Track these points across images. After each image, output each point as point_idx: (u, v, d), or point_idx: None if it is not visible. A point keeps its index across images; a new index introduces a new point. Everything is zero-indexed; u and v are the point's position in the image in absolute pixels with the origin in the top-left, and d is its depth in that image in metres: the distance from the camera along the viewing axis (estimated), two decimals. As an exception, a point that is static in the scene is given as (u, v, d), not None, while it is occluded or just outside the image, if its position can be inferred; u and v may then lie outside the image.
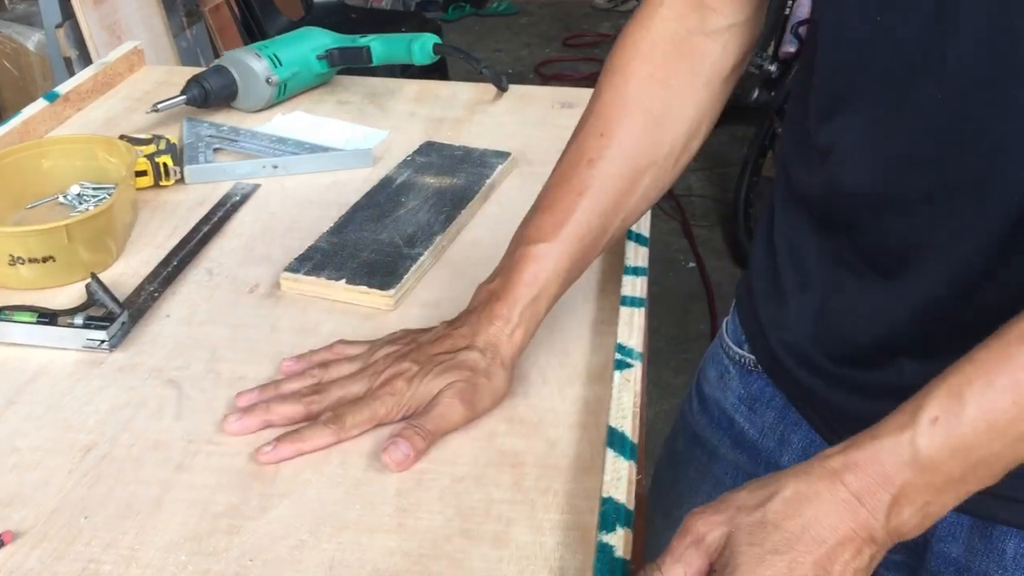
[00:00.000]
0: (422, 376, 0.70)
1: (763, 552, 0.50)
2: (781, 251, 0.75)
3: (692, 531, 0.53)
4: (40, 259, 0.84)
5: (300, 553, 0.60)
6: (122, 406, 0.72)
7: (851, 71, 0.63)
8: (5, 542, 0.60)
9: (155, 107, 1.14)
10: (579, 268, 0.76)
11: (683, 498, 0.89)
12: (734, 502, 0.53)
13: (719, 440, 0.60)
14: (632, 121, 0.75)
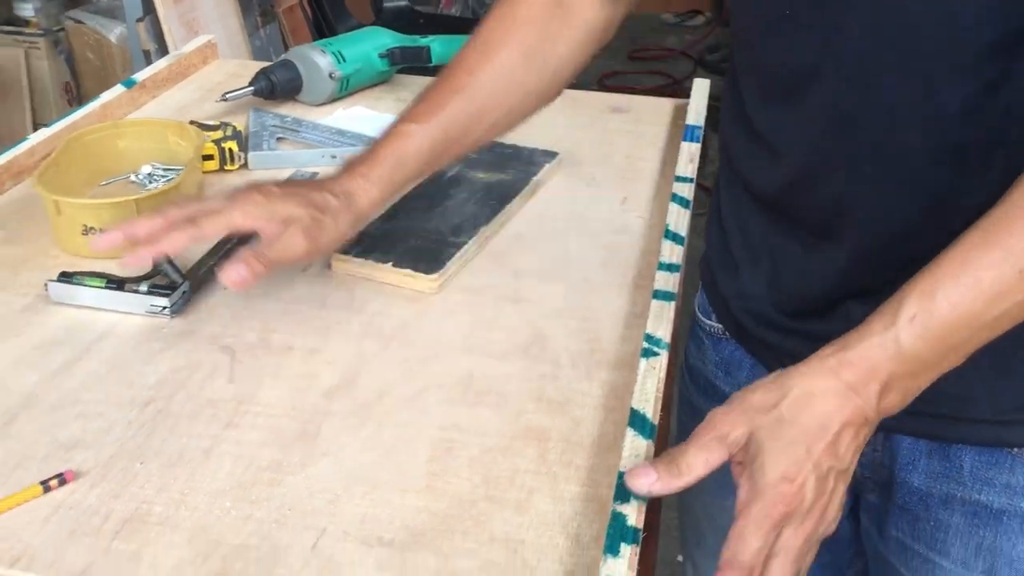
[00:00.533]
0: (277, 198, 0.78)
1: (783, 444, 0.60)
2: (730, 227, 0.83)
3: (716, 427, 0.62)
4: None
5: (334, 506, 0.64)
6: (179, 368, 0.77)
7: (772, 58, 0.72)
8: (68, 480, 0.65)
9: (224, 96, 1.20)
10: (440, 155, 0.86)
11: None
12: (751, 404, 0.62)
13: (707, 406, 0.66)
14: (510, 49, 0.87)
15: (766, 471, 0.59)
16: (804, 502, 0.59)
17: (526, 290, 0.89)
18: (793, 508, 0.59)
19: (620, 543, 0.59)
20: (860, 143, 0.68)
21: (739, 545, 0.60)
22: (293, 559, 0.60)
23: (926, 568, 0.80)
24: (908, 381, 0.61)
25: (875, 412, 0.61)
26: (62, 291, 0.84)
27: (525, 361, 0.79)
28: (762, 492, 0.59)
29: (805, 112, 0.70)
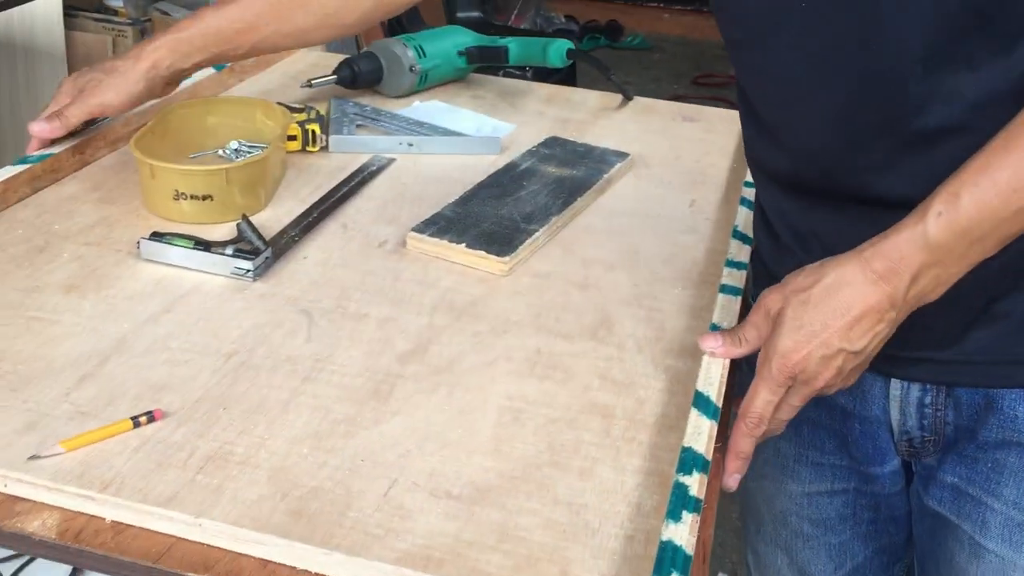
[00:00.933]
0: (81, 75, 1.02)
1: (801, 322, 0.69)
2: (774, 220, 0.86)
3: (763, 304, 0.72)
4: (200, 196, 0.94)
5: (405, 460, 0.67)
6: (261, 325, 0.81)
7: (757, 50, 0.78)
8: (156, 418, 0.69)
9: (309, 82, 1.25)
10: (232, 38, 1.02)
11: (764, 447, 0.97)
12: (792, 283, 0.71)
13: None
14: None
15: (778, 341, 0.69)
16: (806, 372, 0.69)
17: (594, 278, 0.91)
18: (796, 374, 0.69)
19: (682, 510, 0.61)
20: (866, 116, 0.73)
21: (751, 399, 0.71)
22: (365, 503, 0.63)
23: (977, 512, 0.83)
24: (939, 269, 0.67)
25: (904, 299, 0.67)
26: (153, 249, 0.88)
27: (592, 343, 0.82)
28: (770, 358, 0.70)
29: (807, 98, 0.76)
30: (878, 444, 0.89)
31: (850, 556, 0.99)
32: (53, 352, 0.75)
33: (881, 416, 0.87)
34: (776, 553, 1.03)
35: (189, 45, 1.01)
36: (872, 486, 0.93)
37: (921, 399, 0.83)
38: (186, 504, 0.62)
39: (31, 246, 0.89)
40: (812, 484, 0.96)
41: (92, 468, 0.64)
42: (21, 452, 0.65)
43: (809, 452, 0.94)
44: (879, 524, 0.97)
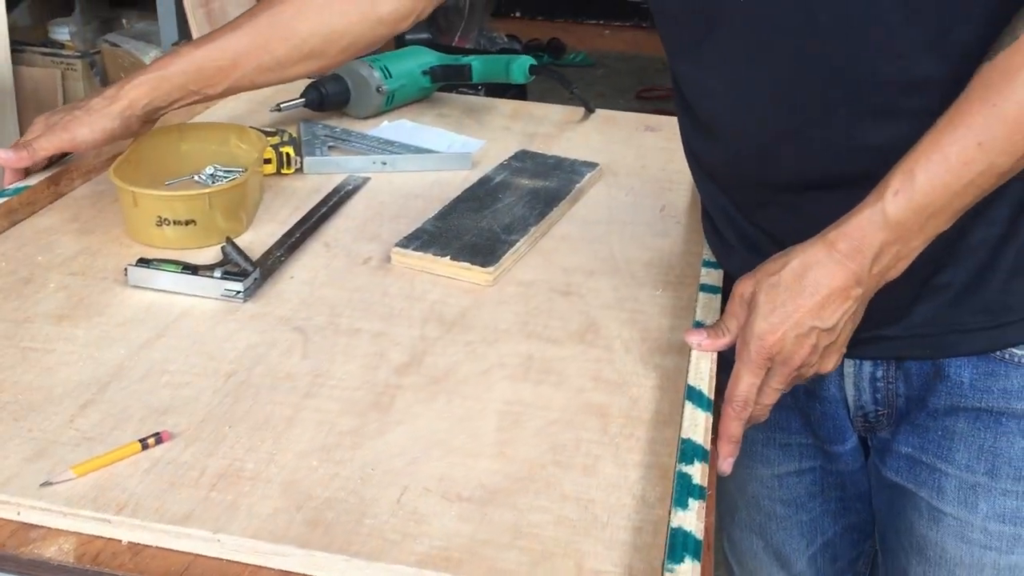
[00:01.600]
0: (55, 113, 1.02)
1: (773, 305, 0.73)
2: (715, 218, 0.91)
3: (737, 292, 0.76)
4: (183, 222, 0.95)
5: (414, 467, 0.69)
6: (256, 345, 0.82)
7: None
8: (164, 439, 0.69)
9: (278, 106, 1.26)
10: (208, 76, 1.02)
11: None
12: (763, 269, 0.75)
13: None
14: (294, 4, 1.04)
15: (754, 325, 0.73)
16: (783, 352, 0.73)
17: (576, 285, 0.94)
18: (773, 355, 0.73)
19: (688, 498, 0.63)
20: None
21: (735, 383, 0.75)
22: (380, 510, 0.64)
23: (933, 478, 0.88)
24: (899, 246, 0.71)
25: (868, 275, 0.71)
26: (141, 275, 0.88)
27: (581, 346, 0.84)
28: (748, 342, 0.74)
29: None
30: (837, 423, 0.94)
31: (820, 532, 1.04)
32: (51, 381, 0.75)
33: (837, 394, 0.92)
34: (751, 538, 1.07)
35: (168, 84, 1.01)
36: (836, 464, 0.98)
37: (873, 374, 0.88)
38: (203, 521, 0.63)
39: (16, 278, 0.89)
40: (781, 465, 1.01)
41: (105, 491, 0.65)
42: (32, 480, 0.65)
43: (776, 434, 0.99)
44: (847, 502, 1.01)
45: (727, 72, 0.80)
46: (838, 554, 1.05)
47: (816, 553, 1.04)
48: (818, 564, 1.05)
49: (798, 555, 1.04)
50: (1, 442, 0.69)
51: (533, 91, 3.52)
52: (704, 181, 0.91)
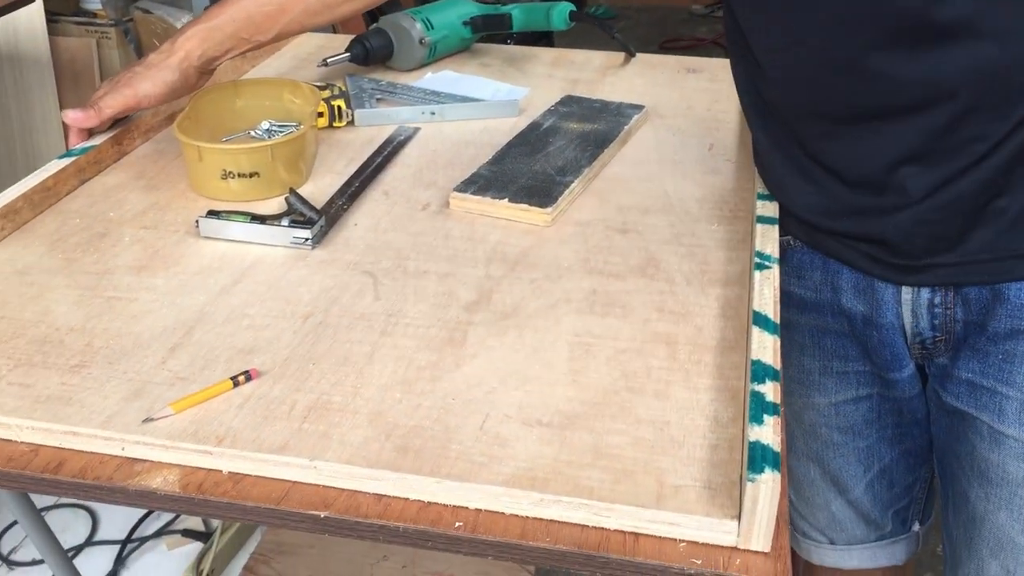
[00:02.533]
0: (117, 75, 1.04)
1: None
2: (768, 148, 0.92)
3: None
4: (247, 174, 0.97)
5: (493, 396, 0.71)
6: (329, 288, 0.84)
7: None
8: (253, 377, 0.72)
9: (324, 61, 1.28)
10: (256, 23, 1.05)
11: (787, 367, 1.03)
12: None
13: (790, 314, 0.76)
14: None
15: None
16: None
17: (633, 222, 0.96)
18: None
19: (763, 414, 0.65)
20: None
21: None
22: (464, 437, 0.67)
23: (994, 402, 0.89)
24: None
25: None
26: (212, 226, 0.91)
27: (643, 280, 0.86)
28: None
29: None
30: (895, 350, 0.95)
31: (877, 458, 1.06)
32: (139, 327, 0.79)
33: (895, 321, 0.93)
34: (808, 465, 1.09)
35: (220, 32, 1.04)
36: (893, 391, 1.00)
37: (931, 300, 0.89)
38: (298, 450, 0.66)
39: (92, 233, 0.92)
40: (838, 393, 1.03)
41: (203, 426, 0.68)
42: (132, 418, 0.68)
43: (833, 363, 1.01)
44: (903, 428, 1.03)
45: (791, 6, 0.80)
46: (895, 479, 1.07)
47: (873, 479, 1.07)
48: (875, 490, 1.07)
49: (855, 481, 1.07)
50: (99, 384, 0.72)
51: (560, 40, 3.50)
52: (761, 117, 0.92)
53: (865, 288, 0.93)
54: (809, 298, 0.98)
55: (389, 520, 0.63)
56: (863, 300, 0.94)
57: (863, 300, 0.94)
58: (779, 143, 0.91)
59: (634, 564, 0.60)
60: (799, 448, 1.09)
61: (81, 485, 0.66)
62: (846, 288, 0.95)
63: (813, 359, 1.01)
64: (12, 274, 0.85)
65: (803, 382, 1.04)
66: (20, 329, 0.78)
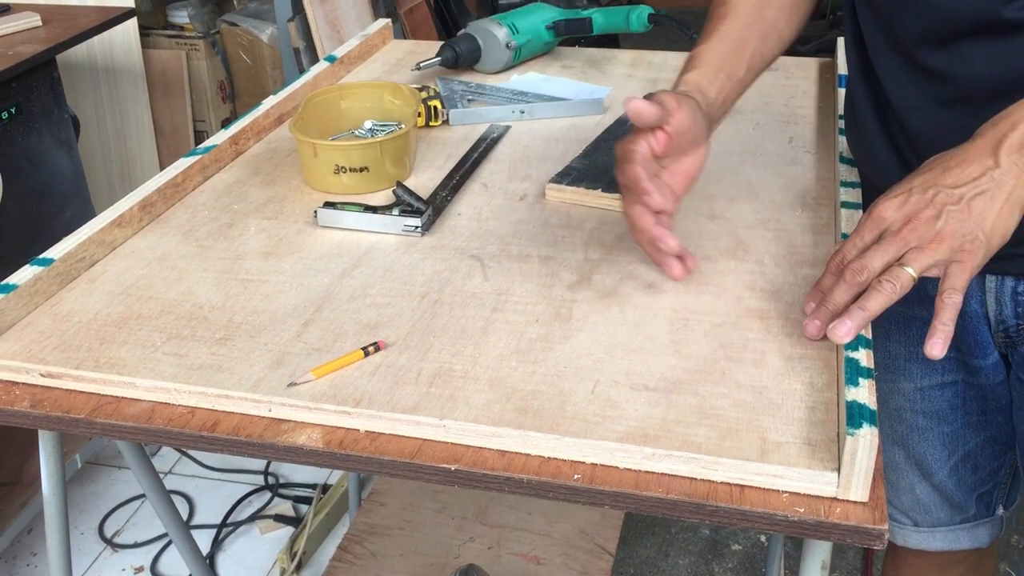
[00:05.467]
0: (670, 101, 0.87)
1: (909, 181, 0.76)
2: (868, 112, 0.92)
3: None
4: (358, 168, 1.05)
5: (602, 364, 0.77)
6: (440, 271, 0.91)
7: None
8: (380, 347, 0.79)
9: (418, 65, 1.35)
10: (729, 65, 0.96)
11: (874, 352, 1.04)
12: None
13: None
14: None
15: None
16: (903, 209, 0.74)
17: (720, 209, 1.01)
18: (887, 217, 0.74)
19: (858, 377, 0.70)
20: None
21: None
22: (578, 399, 0.73)
23: None
24: None
25: (1001, 144, 0.73)
26: (329, 216, 0.99)
27: (733, 261, 0.92)
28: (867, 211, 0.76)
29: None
30: (979, 338, 0.97)
31: (962, 443, 1.08)
32: (273, 305, 0.86)
33: (979, 309, 0.95)
34: (893, 449, 1.12)
35: (704, 77, 0.94)
36: (977, 378, 1.02)
37: (1015, 288, 0.91)
38: (428, 411, 0.72)
39: (220, 224, 1.00)
40: (923, 379, 1.05)
41: (340, 390, 0.75)
42: (277, 383, 0.76)
43: (918, 348, 1.01)
44: (988, 414, 1.05)
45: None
46: (979, 464, 1.09)
47: (957, 463, 1.09)
48: (959, 474, 1.09)
49: (940, 465, 1.09)
50: (244, 354, 0.79)
51: (625, 43, 3.55)
52: (866, 83, 0.93)
53: None
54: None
55: (513, 472, 0.69)
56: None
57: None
58: (878, 109, 0.92)
59: (741, 512, 0.66)
60: (884, 432, 1.11)
61: (235, 442, 0.73)
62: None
63: (899, 345, 1.04)
64: (154, 259, 0.94)
65: (889, 367, 1.06)
66: (168, 307, 0.86)
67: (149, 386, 0.76)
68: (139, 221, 0.99)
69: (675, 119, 0.84)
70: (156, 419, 0.75)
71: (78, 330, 0.83)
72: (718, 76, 0.94)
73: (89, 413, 0.75)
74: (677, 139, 0.85)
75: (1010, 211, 0.73)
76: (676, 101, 0.85)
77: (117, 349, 0.80)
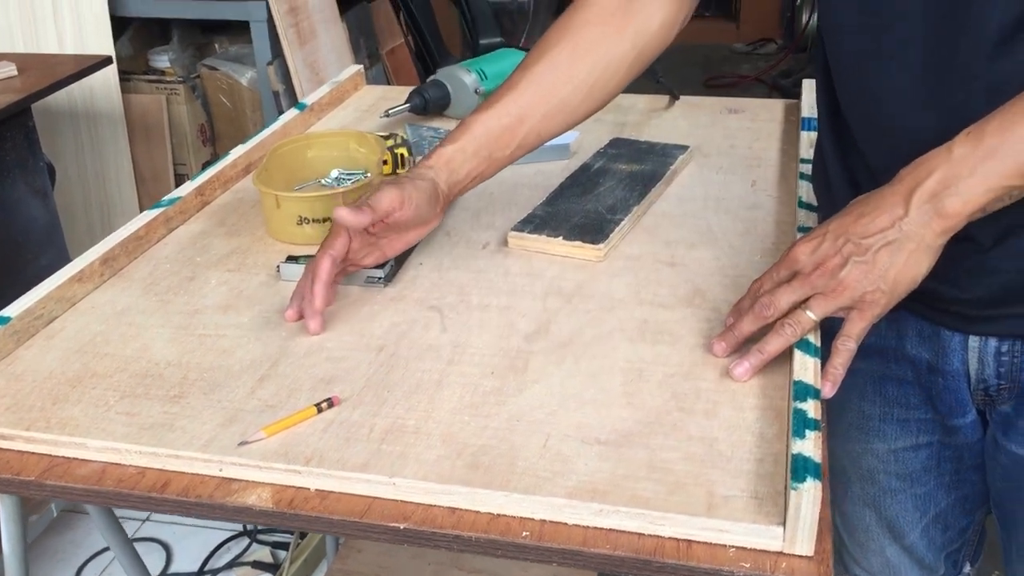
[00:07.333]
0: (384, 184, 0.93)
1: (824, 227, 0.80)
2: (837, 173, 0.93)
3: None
4: (320, 219, 1.05)
5: (554, 417, 0.78)
6: (399, 323, 0.92)
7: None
8: (334, 403, 0.79)
9: (387, 112, 1.36)
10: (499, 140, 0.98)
11: (839, 410, 1.05)
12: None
13: (853, 360, 0.78)
14: (562, 47, 0.99)
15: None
16: (815, 254, 0.78)
17: (679, 256, 1.02)
18: (800, 258, 0.79)
19: (805, 430, 0.71)
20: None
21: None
22: (529, 454, 0.73)
23: None
24: (950, 172, 0.73)
25: (913, 195, 0.75)
26: (292, 270, 0.99)
27: (690, 309, 0.92)
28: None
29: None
30: (959, 396, 0.96)
31: (934, 503, 1.06)
32: (229, 361, 0.86)
33: (961, 368, 0.93)
34: (864, 511, 1.10)
35: (462, 154, 0.97)
36: (954, 438, 1.00)
37: (998, 348, 0.90)
38: (378, 468, 0.72)
39: (181, 277, 1.01)
40: (898, 440, 1.03)
41: (292, 448, 0.75)
42: (229, 441, 0.76)
43: (894, 409, 1.02)
44: (962, 473, 1.03)
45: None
46: (949, 524, 1.07)
47: (928, 524, 1.07)
48: (930, 535, 1.07)
49: (911, 527, 1.07)
50: (197, 412, 0.79)
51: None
52: (842, 150, 0.94)
53: (931, 335, 0.94)
54: (872, 344, 0.95)
55: (462, 531, 0.69)
56: (928, 347, 0.94)
57: (928, 347, 0.94)
58: (852, 170, 0.93)
59: (688, 568, 0.66)
60: (855, 493, 1.09)
61: (184, 503, 0.73)
62: (911, 335, 0.95)
63: (874, 405, 1.03)
64: (113, 315, 0.94)
65: (863, 428, 1.05)
66: (123, 364, 0.86)
67: (100, 446, 0.76)
68: (100, 276, 0.99)
69: (395, 217, 0.92)
70: (106, 480, 0.74)
71: (32, 389, 0.83)
72: (478, 155, 0.97)
73: (40, 475, 0.75)
74: (396, 228, 0.94)
75: (916, 261, 0.76)
76: (400, 200, 0.92)
77: (70, 408, 0.80)
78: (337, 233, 0.91)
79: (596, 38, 0.99)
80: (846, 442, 1.07)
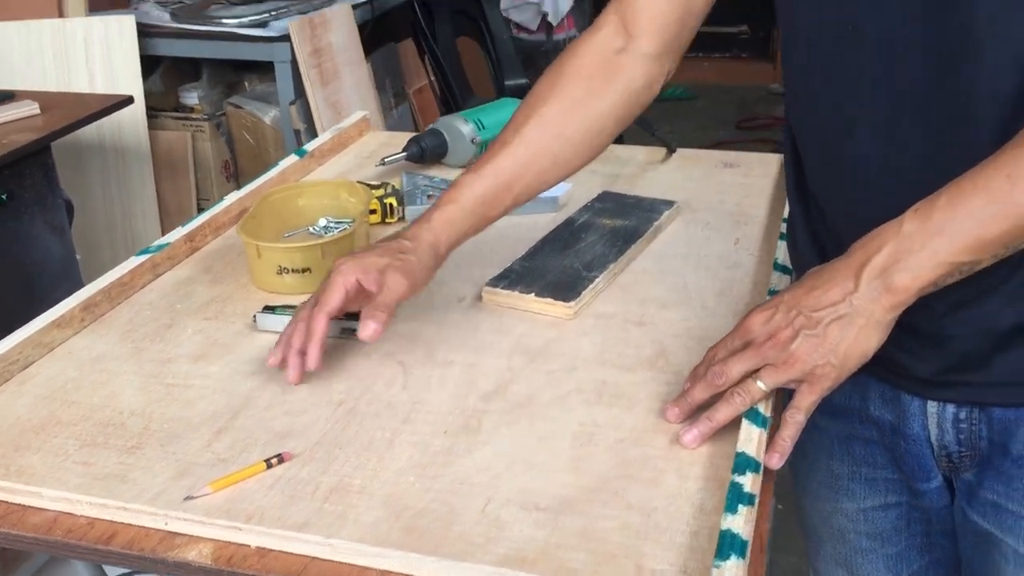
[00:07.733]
0: (365, 255, 0.94)
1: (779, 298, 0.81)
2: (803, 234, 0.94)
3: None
4: (300, 270, 1.07)
5: (499, 480, 0.78)
6: (364, 377, 0.93)
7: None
8: (285, 459, 0.81)
9: (383, 161, 1.39)
10: (494, 200, 0.98)
11: (809, 469, 1.04)
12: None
13: (820, 419, 0.77)
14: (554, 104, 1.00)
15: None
16: (767, 326, 0.79)
17: (650, 316, 1.02)
18: (753, 329, 0.80)
19: (738, 504, 0.70)
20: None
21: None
22: (467, 519, 0.74)
23: (1019, 525, 0.88)
24: (900, 247, 0.74)
25: (863, 269, 0.75)
26: (268, 321, 1.01)
27: (651, 372, 0.92)
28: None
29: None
30: (922, 461, 0.94)
31: (906, 565, 1.04)
32: (191, 412, 0.88)
33: (922, 433, 0.92)
34: (836, 570, 1.09)
35: (461, 211, 0.97)
36: (921, 501, 0.99)
37: (956, 415, 0.88)
38: (318, 528, 0.73)
39: (159, 324, 1.03)
40: (867, 500, 1.02)
41: (236, 504, 0.76)
42: (176, 495, 0.77)
43: (862, 469, 1.00)
44: (932, 537, 1.02)
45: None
46: None
47: None
48: None
49: None
50: (150, 464, 0.81)
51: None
52: (808, 216, 0.94)
53: (892, 398, 0.93)
54: (838, 404, 0.97)
55: (393, 594, 0.69)
56: (890, 409, 0.94)
57: (890, 409, 0.94)
58: (817, 235, 0.93)
59: (611, 642, 0.65)
60: (827, 552, 1.08)
61: (128, 556, 0.74)
62: (874, 397, 0.95)
63: (842, 464, 1.02)
64: (87, 361, 0.96)
65: (832, 487, 1.04)
66: (89, 412, 0.88)
67: (54, 496, 0.78)
68: (80, 321, 1.02)
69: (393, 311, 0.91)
70: (56, 530, 0.76)
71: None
72: (475, 213, 0.97)
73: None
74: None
75: (866, 336, 0.76)
76: (410, 289, 0.92)
77: (30, 456, 0.82)
78: (335, 289, 0.91)
79: (582, 96, 1.01)
80: (816, 501, 1.06)
